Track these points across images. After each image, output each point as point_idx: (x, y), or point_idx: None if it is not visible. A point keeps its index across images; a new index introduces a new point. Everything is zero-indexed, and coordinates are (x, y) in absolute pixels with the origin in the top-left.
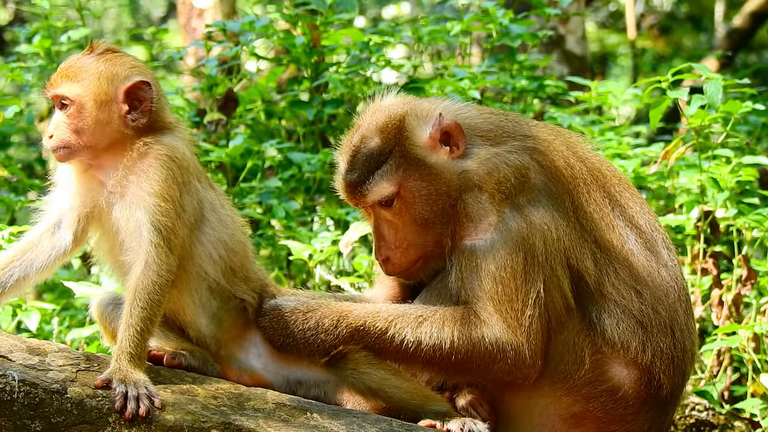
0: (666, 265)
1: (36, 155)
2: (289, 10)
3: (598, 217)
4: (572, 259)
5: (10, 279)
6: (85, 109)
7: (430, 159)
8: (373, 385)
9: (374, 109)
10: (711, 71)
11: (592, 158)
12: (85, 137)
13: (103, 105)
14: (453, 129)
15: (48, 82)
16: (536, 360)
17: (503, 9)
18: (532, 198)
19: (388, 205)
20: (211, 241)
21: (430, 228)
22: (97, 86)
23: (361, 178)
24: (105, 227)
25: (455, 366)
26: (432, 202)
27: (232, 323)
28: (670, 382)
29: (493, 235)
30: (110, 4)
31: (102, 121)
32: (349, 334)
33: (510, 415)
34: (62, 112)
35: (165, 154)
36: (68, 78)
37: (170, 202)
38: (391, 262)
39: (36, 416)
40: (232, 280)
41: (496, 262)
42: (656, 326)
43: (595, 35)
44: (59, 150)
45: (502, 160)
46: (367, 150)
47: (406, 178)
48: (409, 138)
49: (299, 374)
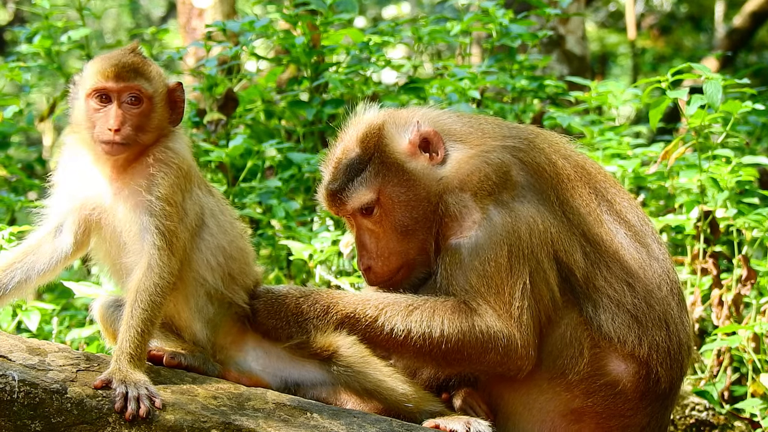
0: (657, 258)
1: (36, 155)
2: (289, 10)
3: (585, 212)
4: (560, 252)
5: (12, 281)
6: (156, 108)
7: (410, 165)
8: (368, 386)
9: (356, 122)
10: (711, 71)
11: (576, 156)
12: (146, 135)
13: (163, 105)
14: (431, 135)
15: (104, 72)
16: (529, 350)
17: (503, 9)
18: (516, 194)
19: (369, 213)
20: (209, 248)
21: (412, 235)
22: (162, 86)
23: (341, 186)
24: (106, 229)
25: (446, 355)
26: (412, 209)
27: (229, 328)
28: (667, 375)
29: (477, 232)
30: (110, 4)
31: (162, 120)
32: (340, 320)
33: (509, 413)
34: (129, 107)
35: (175, 162)
36: (140, 74)
37: (174, 206)
38: (373, 271)
39: (36, 416)
40: (231, 287)
41: (480, 257)
42: (651, 320)
43: (595, 35)
44: (120, 145)
45: (483, 160)
46: (347, 160)
47: (385, 184)
48: (389, 145)
49: (296, 375)
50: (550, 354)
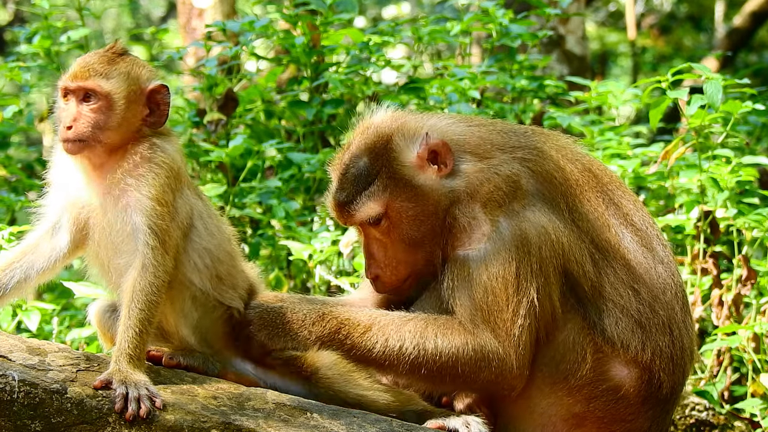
0: (662, 261)
1: (36, 155)
2: (289, 10)
3: (594, 217)
4: (571, 262)
5: (11, 281)
6: (115, 106)
7: (418, 179)
8: (350, 401)
9: (365, 126)
10: (711, 71)
11: (583, 159)
12: (106, 133)
13: (130, 104)
14: (440, 148)
15: (67, 73)
16: (523, 371)
17: (503, 9)
18: (526, 203)
19: (376, 223)
20: (196, 250)
21: (419, 247)
22: (128, 85)
23: (349, 198)
24: (95, 229)
25: (440, 372)
26: (420, 222)
27: (220, 331)
28: (670, 380)
29: (486, 245)
30: (110, 4)
31: (127, 119)
32: (334, 330)
33: (511, 417)
34: (85, 105)
35: (165, 161)
36: (98, 73)
37: (165, 206)
38: (381, 280)
39: (36, 416)
40: (219, 289)
41: (489, 271)
42: (655, 325)
43: (595, 33)
44: (75, 142)
45: (492, 171)
46: (355, 170)
47: (393, 198)
48: (396, 158)
49: (281, 385)
50: (553, 358)
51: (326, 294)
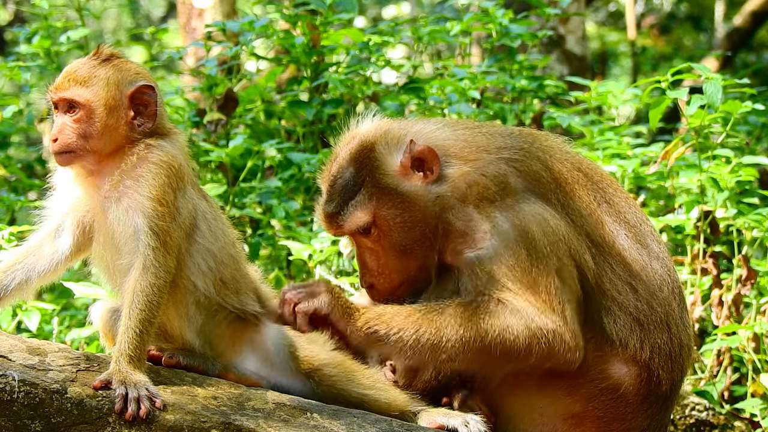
0: (658, 258)
1: (36, 155)
2: (288, 10)
3: (587, 213)
4: (573, 251)
5: (12, 282)
6: (95, 114)
7: (403, 187)
8: (352, 400)
9: (350, 137)
10: (711, 71)
11: (572, 159)
12: (92, 142)
13: (112, 110)
14: (425, 154)
15: (52, 84)
16: (578, 341)
17: (503, 9)
18: (518, 197)
19: (366, 233)
20: (199, 252)
21: (411, 254)
22: (106, 91)
23: (337, 209)
24: (99, 231)
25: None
26: (409, 229)
27: (223, 333)
28: (668, 377)
29: (492, 241)
30: (110, 4)
31: (110, 126)
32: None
33: (510, 416)
34: (68, 116)
35: (163, 160)
36: (77, 82)
37: (166, 206)
38: (375, 288)
39: (36, 416)
40: (222, 292)
41: (505, 262)
42: (652, 322)
43: (595, 33)
44: (63, 154)
45: (479, 173)
46: (342, 181)
47: (380, 207)
48: (380, 167)
49: (285, 383)
50: None
51: None
